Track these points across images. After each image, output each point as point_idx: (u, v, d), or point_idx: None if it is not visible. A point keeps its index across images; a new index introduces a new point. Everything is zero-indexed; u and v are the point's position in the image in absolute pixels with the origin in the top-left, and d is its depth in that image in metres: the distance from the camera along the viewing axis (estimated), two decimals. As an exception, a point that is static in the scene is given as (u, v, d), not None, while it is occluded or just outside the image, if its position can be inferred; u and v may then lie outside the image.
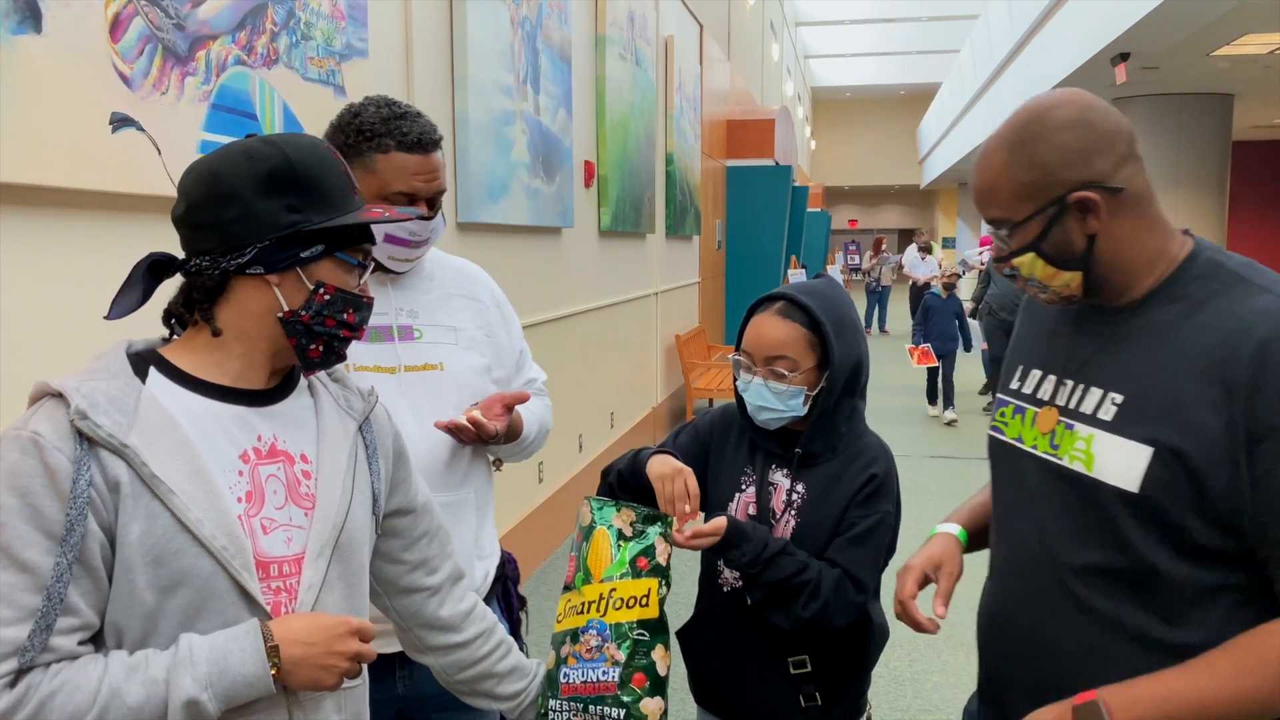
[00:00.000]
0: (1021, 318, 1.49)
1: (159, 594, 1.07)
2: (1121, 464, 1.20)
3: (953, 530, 1.54)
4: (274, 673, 1.09)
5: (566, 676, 1.45)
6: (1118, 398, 1.22)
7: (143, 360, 1.16)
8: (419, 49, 3.52)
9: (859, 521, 1.67)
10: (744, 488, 1.76)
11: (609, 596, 1.48)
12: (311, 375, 1.28)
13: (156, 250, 1.18)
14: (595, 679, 1.44)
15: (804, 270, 12.96)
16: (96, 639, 1.09)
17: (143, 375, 1.14)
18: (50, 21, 1.86)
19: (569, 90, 5.15)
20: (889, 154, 32.54)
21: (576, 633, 1.48)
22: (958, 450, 7.85)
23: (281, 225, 1.14)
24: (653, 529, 1.54)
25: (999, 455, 1.42)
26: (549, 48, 4.82)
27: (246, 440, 1.17)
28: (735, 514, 1.74)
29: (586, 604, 1.49)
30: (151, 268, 1.17)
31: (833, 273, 18.05)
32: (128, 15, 2.05)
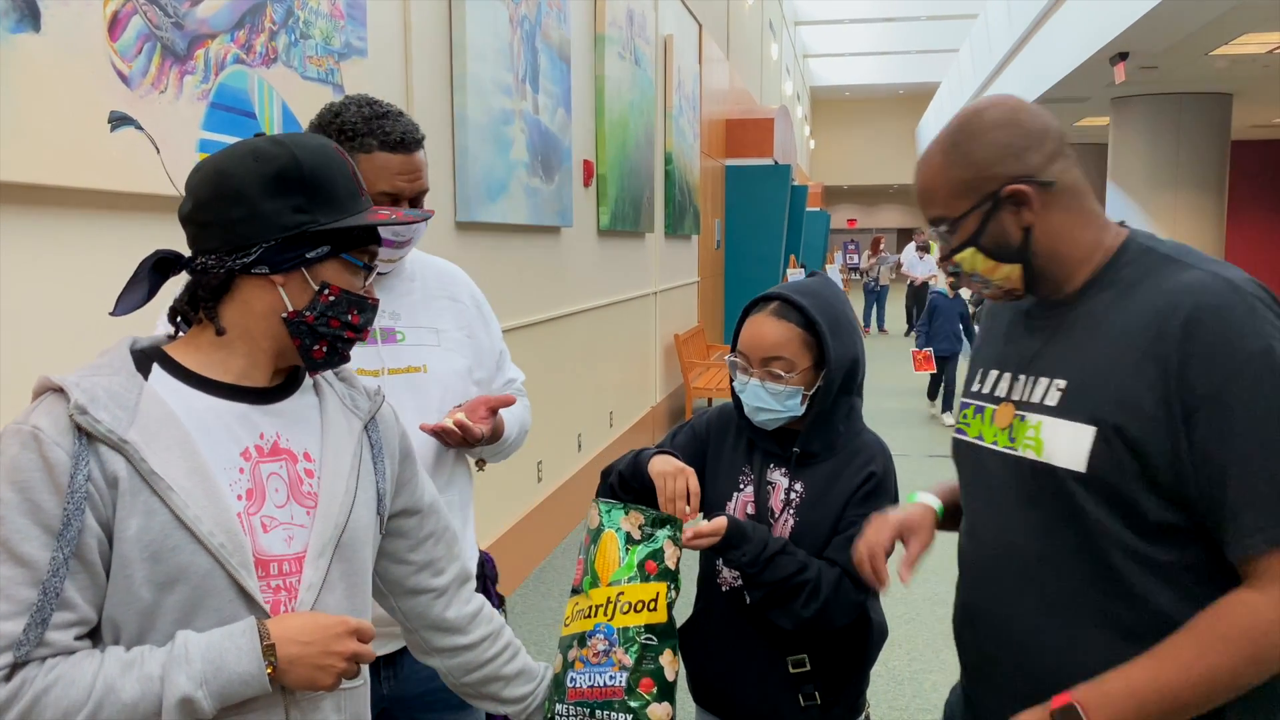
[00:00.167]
0: (982, 325, 1.52)
1: (156, 590, 1.07)
2: (1068, 445, 1.24)
3: (932, 503, 1.54)
4: (270, 671, 1.09)
5: (573, 680, 1.44)
6: (1061, 383, 1.27)
7: (146, 357, 1.16)
8: (418, 48, 3.52)
9: (858, 520, 1.67)
10: (742, 487, 1.76)
11: (617, 600, 1.47)
12: (316, 375, 1.28)
13: (156, 249, 1.18)
14: (602, 683, 1.43)
15: (803, 270, 12.96)
16: (94, 635, 1.09)
17: (146, 372, 1.14)
18: (49, 20, 1.86)
19: (568, 89, 5.15)
20: (888, 153, 32.55)
21: (584, 636, 1.46)
22: (957, 449, 7.84)
23: (288, 225, 1.13)
24: (661, 532, 1.52)
25: (963, 456, 1.45)
26: (548, 47, 4.82)
27: (249, 438, 1.17)
28: (734, 513, 1.74)
29: (594, 607, 1.48)
30: (157, 265, 1.17)
31: (831, 272, 18.05)
32: (126, 14, 2.05)
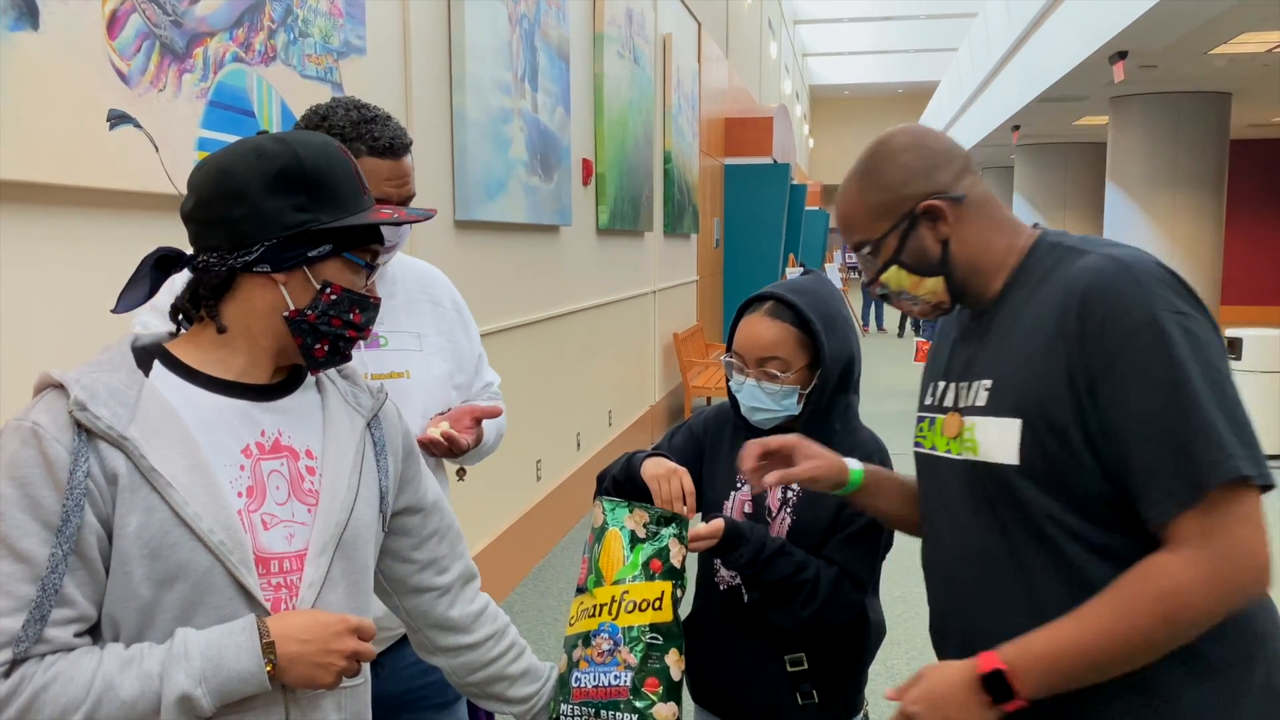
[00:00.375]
0: (932, 343, 1.56)
1: (155, 587, 1.07)
2: (999, 441, 1.28)
3: (853, 465, 1.54)
4: (269, 669, 1.09)
5: (578, 680, 1.43)
6: (987, 383, 1.32)
7: (148, 354, 1.16)
8: (417, 46, 3.52)
9: (855, 519, 1.68)
10: (739, 486, 1.76)
11: (621, 599, 1.46)
12: (318, 374, 1.27)
13: (155, 246, 1.18)
14: (607, 683, 1.42)
15: (802, 268, 12.97)
16: (94, 632, 1.09)
17: (147, 369, 1.14)
18: (48, 18, 1.86)
19: (567, 88, 5.15)
20: (887, 152, 32.48)
21: (589, 636, 1.46)
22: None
23: (289, 224, 1.13)
24: (666, 530, 1.52)
25: (921, 468, 1.48)
26: (547, 46, 4.82)
27: (250, 435, 1.17)
28: (731, 513, 1.74)
29: (598, 606, 1.47)
30: (159, 262, 1.17)
31: (831, 271, 18.05)
32: (125, 12, 2.05)
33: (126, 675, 1.04)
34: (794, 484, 1.73)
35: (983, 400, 1.31)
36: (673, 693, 1.44)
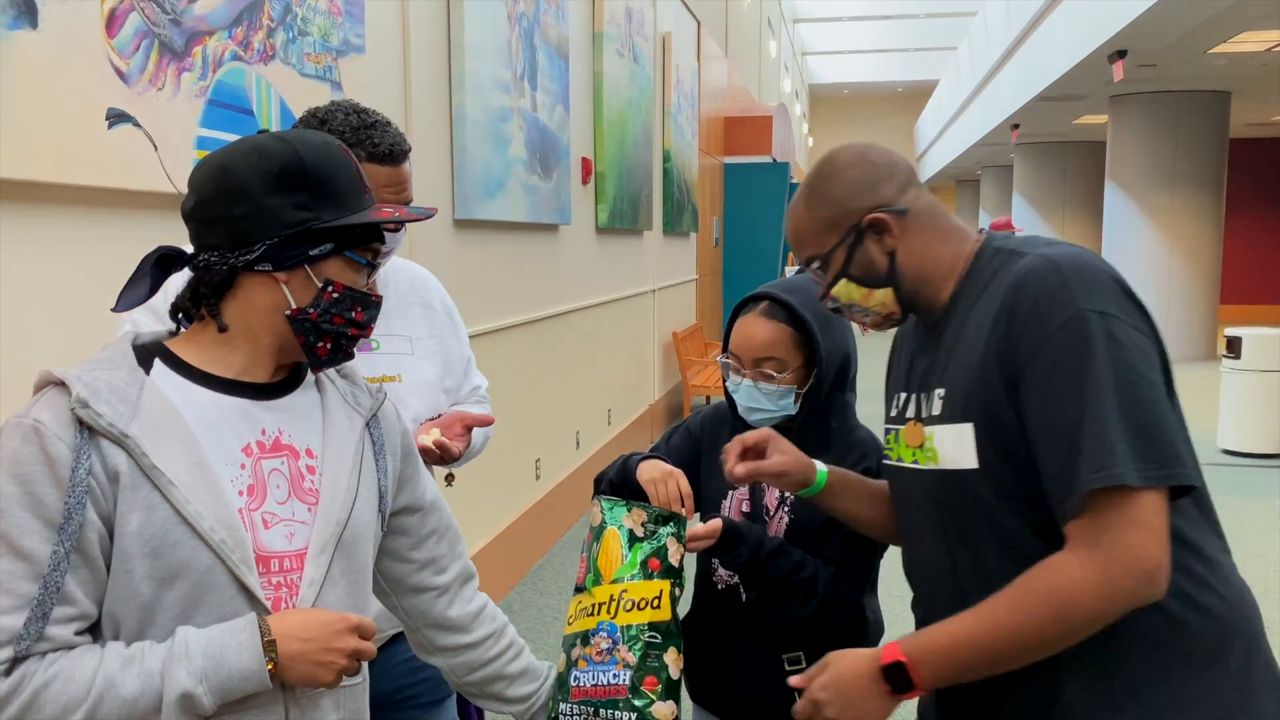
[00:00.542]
0: (891, 356, 1.57)
1: (156, 586, 1.07)
2: (955, 447, 1.29)
3: (820, 466, 1.56)
4: (270, 667, 1.09)
5: (577, 679, 1.43)
6: (941, 391, 1.33)
7: (148, 352, 1.16)
8: (416, 45, 3.52)
9: (854, 517, 1.68)
10: (736, 485, 1.76)
11: (620, 598, 1.46)
12: (320, 373, 1.27)
13: (154, 245, 1.18)
14: (606, 682, 1.42)
15: (799, 267, 12.96)
16: (94, 630, 1.09)
17: (147, 367, 1.14)
18: (46, 17, 1.86)
19: (566, 87, 5.15)
20: (886, 151, 32.51)
21: (587, 635, 1.46)
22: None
23: (290, 222, 1.13)
24: (664, 529, 1.52)
25: (891, 480, 1.49)
26: (546, 44, 4.82)
27: (250, 433, 1.17)
28: (729, 512, 1.75)
29: (597, 605, 1.47)
30: (160, 261, 1.17)
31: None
32: (124, 10, 2.05)
33: (128, 673, 1.04)
34: (763, 479, 1.73)
35: (938, 409, 1.32)
36: (671, 691, 1.44)
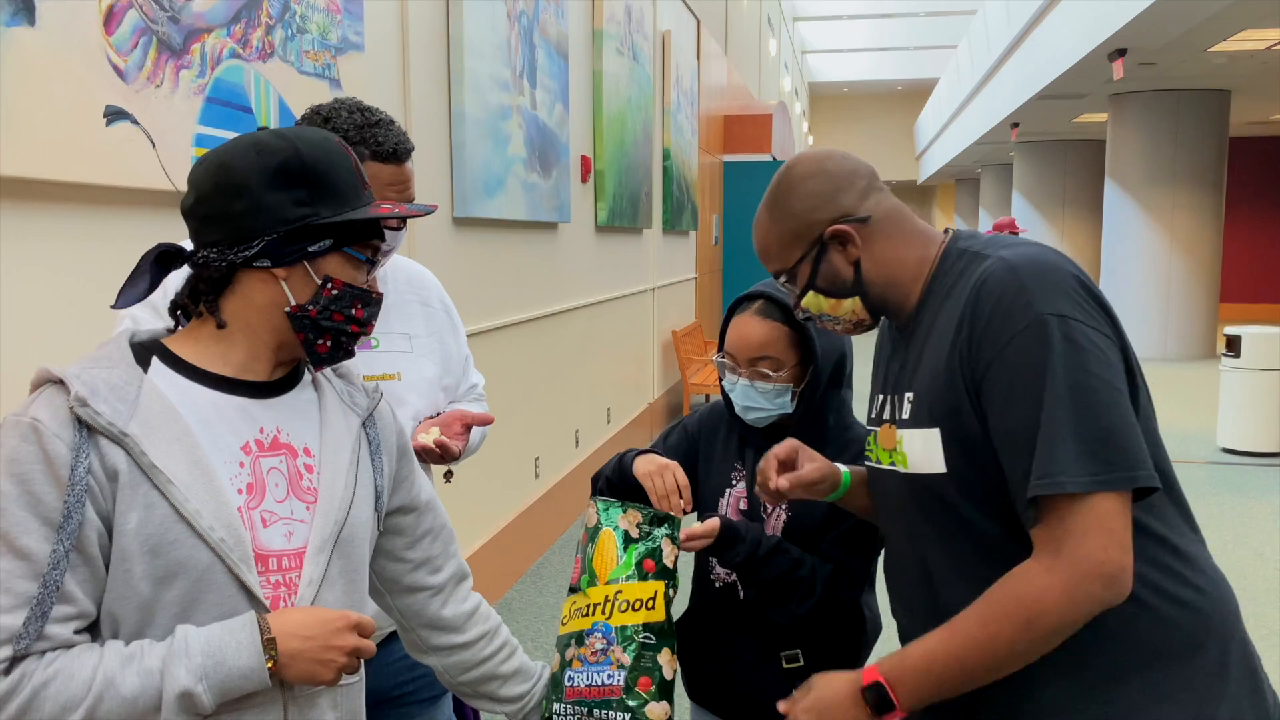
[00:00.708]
0: (874, 356, 1.57)
1: (155, 584, 1.07)
2: (925, 452, 1.29)
3: (841, 468, 1.56)
4: (270, 666, 1.09)
5: (571, 680, 1.44)
6: (910, 395, 1.33)
7: (146, 350, 1.16)
8: (415, 43, 3.52)
9: (850, 516, 1.68)
10: (734, 483, 1.76)
11: (614, 599, 1.47)
12: (320, 371, 1.27)
13: (152, 243, 1.18)
14: (600, 682, 1.42)
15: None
16: (93, 629, 1.09)
17: (145, 365, 1.14)
18: (44, 14, 1.86)
19: (566, 85, 5.14)
20: (886, 150, 32.52)
21: (582, 635, 1.46)
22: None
23: (290, 219, 1.13)
24: (659, 530, 1.52)
25: (870, 480, 1.49)
26: (546, 42, 4.82)
27: (249, 432, 1.17)
28: (726, 510, 1.75)
29: (592, 606, 1.47)
30: (159, 258, 1.16)
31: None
32: (122, 8, 2.05)
33: (127, 672, 1.04)
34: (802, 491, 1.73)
35: (907, 413, 1.33)
36: (665, 692, 1.44)
